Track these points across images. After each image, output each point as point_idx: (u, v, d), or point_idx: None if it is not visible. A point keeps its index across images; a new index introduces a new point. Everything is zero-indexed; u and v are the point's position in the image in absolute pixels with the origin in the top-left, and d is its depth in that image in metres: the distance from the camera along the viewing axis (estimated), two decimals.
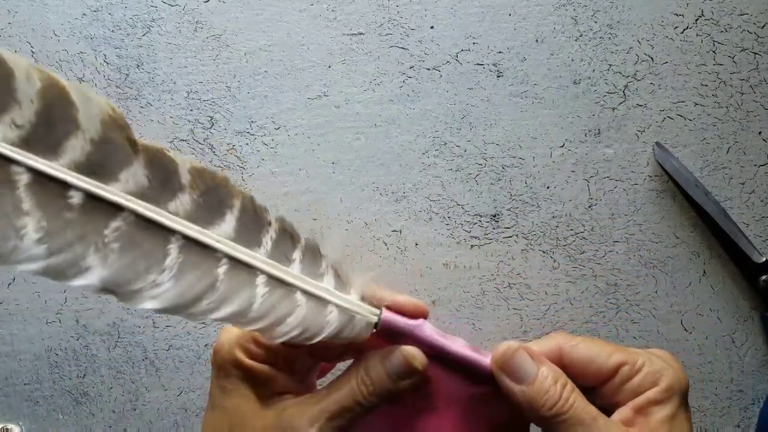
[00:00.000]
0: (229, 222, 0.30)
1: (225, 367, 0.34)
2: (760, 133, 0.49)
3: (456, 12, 0.48)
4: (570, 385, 0.33)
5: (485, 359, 0.34)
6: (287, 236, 0.33)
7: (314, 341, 0.32)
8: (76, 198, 0.26)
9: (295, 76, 0.48)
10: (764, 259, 0.47)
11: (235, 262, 0.30)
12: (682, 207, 0.49)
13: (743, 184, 0.49)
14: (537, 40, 0.48)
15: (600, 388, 0.34)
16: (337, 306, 0.33)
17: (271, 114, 0.48)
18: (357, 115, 0.48)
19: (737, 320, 0.49)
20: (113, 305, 0.47)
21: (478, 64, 0.48)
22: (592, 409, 0.32)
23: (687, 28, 0.48)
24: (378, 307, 0.34)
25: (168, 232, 0.28)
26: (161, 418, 0.48)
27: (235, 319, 0.30)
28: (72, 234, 0.26)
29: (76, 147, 0.26)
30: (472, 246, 0.48)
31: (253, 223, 0.31)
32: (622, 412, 0.33)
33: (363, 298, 0.34)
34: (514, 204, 0.48)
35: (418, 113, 0.48)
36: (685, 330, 0.49)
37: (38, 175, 0.25)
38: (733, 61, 0.48)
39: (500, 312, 0.49)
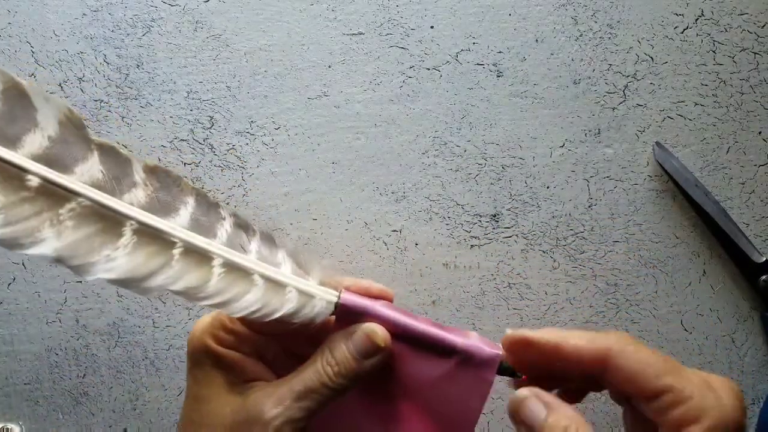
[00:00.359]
0: (184, 216, 0.31)
1: (196, 355, 0.34)
2: (760, 133, 0.49)
3: (456, 12, 0.48)
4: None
5: (450, 335, 0.34)
6: (242, 228, 0.33)
7: (273, 318, 0.33)
8: (33, 182, 0.28)
9: (295, 76, 0.48)
10: (764, 259, 0.47)
11: (190, 246, 0.31)
12: (682, 207, 0.49)
13: (743, 184, 0.49)
14: (537, 40, 0.48)
15: (641, 403, 0.32)
16: (296, 288, 0.33)
17: (271, 114, 0.48)
18: (357, 115, 0.48)
19: (737, 320, 0.49)
20: (113, 305, 0.47)
21: (478, 64, 0.48)
22: None
23: (687, 28, 0.48)
24: (338, 289, 0.34)
25: (123, 216, 0.29)
26: (161, 418, 0.48)
27: (192, 293, 0.31)
28: (28, 209, 0.28)
29: (35, 142, 0.28)
30: (472, 246, 0.48)
31: (207, 217, 0.32)
32: None
33: (322, 283, 0.34)
34: (514, 204, 0.48)
35: (418, 113, 0.48)
36: (685, 330, 0.49)
37: None
38: (733, 61, 0.48)
39: (500, 312, 0.49)
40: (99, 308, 0.47)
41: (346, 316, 0.34)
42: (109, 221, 0.29)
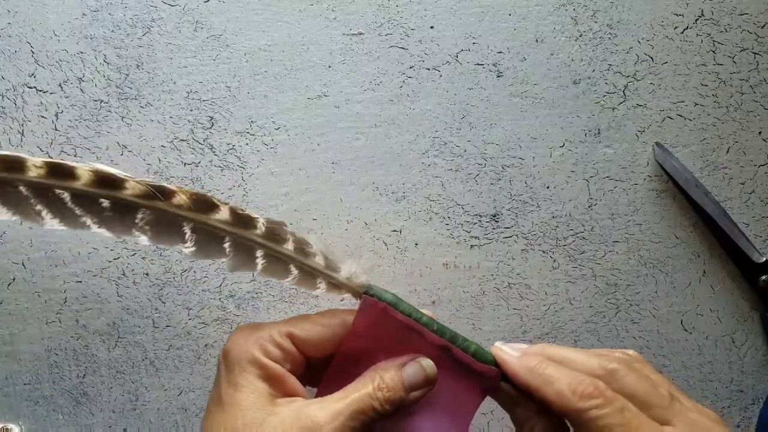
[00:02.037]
0: (224, 211, 0.36)
1: (240, 364, 0.35)
2: (760, 133, 0.49)
3: (456, 12, 0.48)
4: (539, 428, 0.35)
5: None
6: (278, 225, 0.37)
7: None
8: (105, 203, 0.35)
9: (295, 76, 0.48)
10: (764, 259, 0.47)
11: (235, 240, 0.36)
12: (682, 207, 0.49)
13: (743, 184, 0.49)
14: (537, 40, 0.48)
15: None
16: (326, 280, 0.37)
17: (271, 114, 0.48)
18: (357, 115, 0.48)
19: (737, 320, 0.49)
20: (113, 305, 0.47)
21: (478, 64, 0.48)
22: None
23: (687, 28, 0.48)
24: (363, 285, 0.37)
25: (179, 218, 0.35)
26: (161, 418, 0.48)
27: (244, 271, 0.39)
28: (116, 223, 0.35)
29: (85, 171, 0.35)
30: (472, 246, 0.48)
31: (244, 214, 0.36)
32: None
33: (350, 278, 0.37)
34: (514, 204, 0.48)
35: (418, 113, 0.48)
36: (685, 330, 0.49)
37: (74, 194, 0.35)
38: (733, 61, 0.48)
39: (500, 312, 0.49)
40: (99, 308, 0.47)
41: (368, 311, 0.36)
42: (172, 224, 0.35)
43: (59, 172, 0.34)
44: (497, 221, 0.48)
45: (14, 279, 0.47)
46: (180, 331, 0.48)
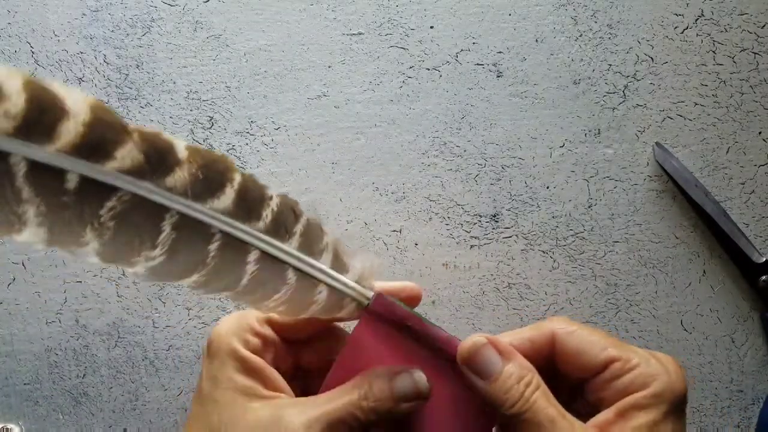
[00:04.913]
0: (229, 195, 0.30)
1: (220, 356, 0.34)
2: (760, 133, 0.49)
3: (456, 12, 0.48)
4: (535, 383, 0.31)
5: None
6: (289, 210, 0.32)
7: (301, 316, 0.33)
8: (71, 182, 0.26)
9: (295, 76, 0.48)
10: (764, 259, 0.47)
11: (228, 237, 0.30)
12: (682, 207, 0.49)
13: (743, 184, 0.49)
14: (537, 40, 0.48)
15: (589, 381, 0.33)
16: (328, 286, 0.33)
17: (271, 114, 0.48)
18: (357, 115, 0.48)
19: (737, 320, 0.49)
20: (113, 305, 0.47)
21: (477, 64, 0.48)
22: (553, 411, 0.31)
23: (687, 28, 0.48)
24: (372, 289, 0.34)
25: (162, 208, 0.28)
26: (161, 418, 0.48)
27: (222, 292, 0.31)
28: (70, 215, 0.27)
29: (70, 130, 0.26)
30: (472, 246, 0.48)
31: (254, 196, 0.31)
32: (605, 415, 0.31)
33: (359, 280, 0.34)
34: (514, 204, 0.48)
35: (418, 113, 0.48)
36: (685, 330, 0.49)
37: (34, 164, 0.26)
38: (733, 61, 0.48)
39: (500, 312, 0.49)
40: (99, 308, 0.47)
41: (375, 319, 0.34)
42: (149, 215, 0.28)
43: (35, 120, 0.25)
44: (497, 221, 0.48)
45: (14, 279, 0.47)
46: (180, 331, 0.48)
